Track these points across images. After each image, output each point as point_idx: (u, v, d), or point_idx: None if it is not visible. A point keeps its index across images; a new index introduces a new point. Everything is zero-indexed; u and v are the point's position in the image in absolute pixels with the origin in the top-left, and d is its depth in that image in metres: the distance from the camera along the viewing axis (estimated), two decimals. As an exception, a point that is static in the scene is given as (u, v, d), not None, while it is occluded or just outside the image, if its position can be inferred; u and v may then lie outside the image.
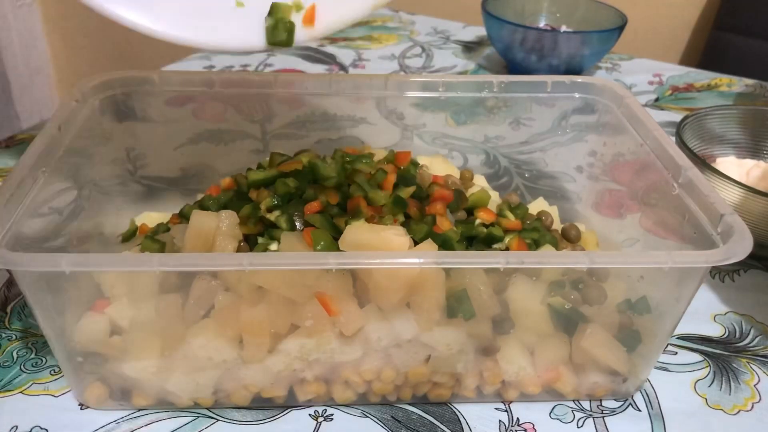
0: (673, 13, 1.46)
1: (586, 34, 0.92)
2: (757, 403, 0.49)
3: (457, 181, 0.57)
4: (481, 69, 1.01)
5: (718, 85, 0.99)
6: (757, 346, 0.54)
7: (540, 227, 0.54)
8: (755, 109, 0.71)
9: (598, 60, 0.96)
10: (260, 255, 0.43)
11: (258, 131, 0.63)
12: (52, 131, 0.47)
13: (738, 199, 0.57)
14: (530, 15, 1.03)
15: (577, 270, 0.44)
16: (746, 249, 0.40)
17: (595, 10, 1.00)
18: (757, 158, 0.69)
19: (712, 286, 0.60)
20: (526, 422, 0.47)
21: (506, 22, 0.92)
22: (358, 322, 0.43)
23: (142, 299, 0.43)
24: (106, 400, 0.45)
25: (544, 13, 1.04)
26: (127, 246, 0.55)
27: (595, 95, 0.59)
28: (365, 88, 0.58)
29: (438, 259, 0.40)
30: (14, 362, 0.49)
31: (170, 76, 0.57)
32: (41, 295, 0.41)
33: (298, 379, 0.45)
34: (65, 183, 0.50)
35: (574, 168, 0.64)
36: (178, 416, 0.46)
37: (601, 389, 0.48)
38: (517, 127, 0.63)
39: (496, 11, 0.95)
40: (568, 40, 0.91)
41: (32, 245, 0.43)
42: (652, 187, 0.52)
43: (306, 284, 0.41)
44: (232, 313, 0.42)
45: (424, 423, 0.46)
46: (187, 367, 0.44)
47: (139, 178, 0.61)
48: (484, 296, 0.42)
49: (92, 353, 0.44)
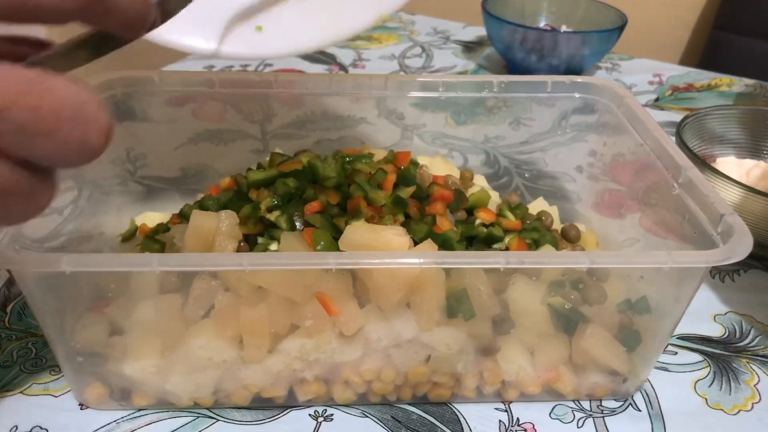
0: (673, 13, 1.46)
1: (586, 34, 0.92)
2: (757, 403, 0.49)
3: (457, 181, 0.57)
4: (481, 69, 1.01)
5: (718, 85, 0.99)
6: (757, 346, 0.54)
7: (540, 227, 0.54)
8: (755, 109, 0.71)
9: (598, 60, 0.96)
10: (260, 255, 0.43)
11: (258, 131, 0.63)
12: (52, 131, 0.47)
13: (738, 199, 0.57)
14: (530, 15, 1.03)
15: (577, 270, 0.44)
16: (746, 249, 0.40)
17: (595, 10, 1.00)
18: (757, 158, 0.69)
19: (712, 286, 0.60)
20: (526, 422, 0.47)
21: (506, 22, 0.92)
22: (358, 322, 0.43)
23: (142, 299, 0.43)
24: (106, 400, 0.45)
25: (544, 13, 1.04)
26: (127, 246, 0.54)
27: (595, 95, 0.59)
28: (365, 88, 0.58)
29: (438, 259, 0.40)
30: (14, 362, 0.49)
31: (170, 76, 0.57)
32: (41, 295, 0.41)
33: (298, 379, 0.45)
34: (65, 183, 0.50)
35: (574, 168, 0.64)
36: (178, 416, 0.46)
37: (601, 389, 0.48)
38: (517, 127, 0.63)
39: (496, 11, 0.95)
40: (568, 40, 0.91)
41: (32, 245, 0.43)
42: (652, 187, 0.52)
43: (306, 284, 0.41)
44: (232, 313, 0.42)
45: (424, 423, 0.46)
46: (187, 367, 0.44)
47: (139, 178, 0.61)
48: (484, 296, 0.42)
49: (92, 353, 0.44)
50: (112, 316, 0.43)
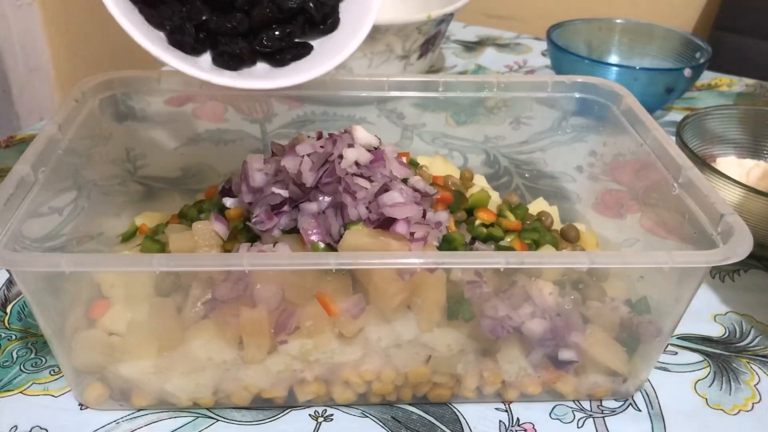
0: (673, 13, 1.46)
1: (665, 72, 0.81)
2: (757, 403, 0.49)
3: (457, 181, 0.57)
4: (481, 69, 1.01)
5: (718, 85, 0.99)
6: (757, 346, 0.54)
7: (540, 227, 0.54)
8: (755, 109, 0.71)
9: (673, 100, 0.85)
10: (260, 255, 0.42)
11: (258, 131, 0.63)
12: (51, 131, 0.47)
13: (738, 199, 0.57)
14: (598, 45, 0.92)
15: (577, 270, 0.44)
16: (746, 249, 0.40)
17: (673, 39, 0.89)
18: (758, 158, 0.69)
19: (712, 286, 0.60)
20: (526, 422, 0.46)
21: (575, 56, 0.83)
22: (358, 323, 0.43)
23: (142, 299, 0.43)
24: (106, 400, 0.45)
25: (616, 44, 0.92)
26: (127, 246, 0.54)
27: (595, 95, 0.59)
28: (365, 88, 0.58)
29: (438, 260, 0.40)
30: (14, 362, 0.49)
31: (170, 76, 0.57)
32: (41, 295, 0.41)
33: (298, 379, 0.45)
34: (65, 183, 0.50)
35: (574, 168, 0.64)
36: (178, 416, 0.46)
37: (601, 389, 0.48)
38: (517, 127, 0.63)
39: (560, 40, 0.85)
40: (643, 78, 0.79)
41: (32, 245, 0.43)
42: (652, 187, 0.52)
43: (306, 285, 0.41)
44: (232, 313, 0.42)
45: (424, 423, 0.46)
46: (187, 368, 0.44)
47: (139, 178, 0.61)
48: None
49: (92, 354, 0.44)
50: (111, 317, 0.44)
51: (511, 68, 1.01)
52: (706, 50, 0.83)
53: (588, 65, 0.81)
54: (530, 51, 1.07)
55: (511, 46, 1.09)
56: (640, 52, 0.91)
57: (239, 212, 0.50)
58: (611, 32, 0.92)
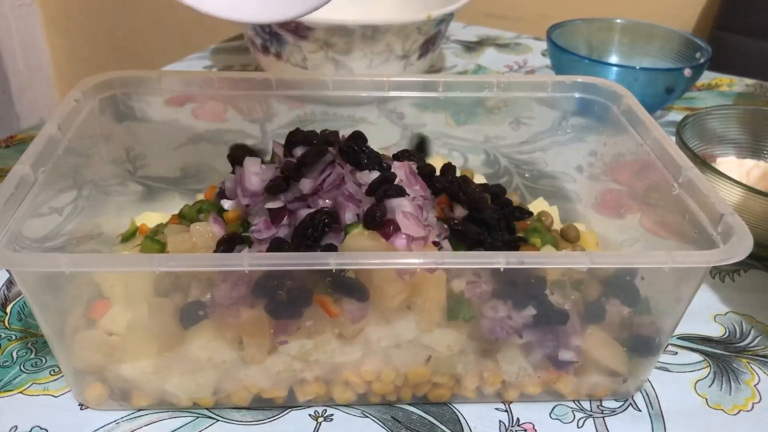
0: (673, 13, 1.46)
1: (665, 72, 0.81)
2: (757, 403, 0.49)
3: (457, 181, 0.57)
4: (481, 69, 1.01)
5: (718, 85, 0.99)
6: (757, 346, 0.54)
7: (540, 227, 0.54)
8: (755, 109, 0.71)
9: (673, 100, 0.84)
10: (260, 255, 0.42)
11: (258, 131, 0.63)
12: (51, 131, 0.47)
13: (738, 199, 0.57)
14: (598, 45, 0.91)
15: (577, 270, 0.44)
16: (746, 249, 0.40)
17: (673, 39, 0.89)
18: (758, 158, 0.69)
19: (712, 286, 0.60)
20: (526, 422, 0.46)
21: (575, 56, 0.82)
22: (358, 324, 0.43)
23: (142, 299, 0.43)
24: (105, 401, 0.45)
25: (615, 44, 0.91)
26: (127, 246, 0.54)
27: (595, 95, 0.59)
28: (365, 88, 0.58)
29: (438, 260, 0.40)
30: (14, 362, 0.49)
31: (170, 76, 0.57)
32: (41, 295, 0.41)
33: (298, 379, 0.45)
34: (65, 183, 0.50)
35: (574, 168, 0.64)
36: (178, 416, 0.46)
37: (601, 389, 0.48)
38: (517, 127, 0.63)
39: (560, 39, 0.84)
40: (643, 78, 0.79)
41: (32, 245, 0.43)
42: (652, 187, 0.52)
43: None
44: (231, 313, 0.42)
45: (424, 423, 0.46)
46: (187, 368, 0.44)
47: (139, 178, 0.61)
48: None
49: (92, 354, 0.44)
50: (111, 317, 0.43)
51: (511, 68, 1.01)
52: (706, 50, 0.83)
53: (588, 65, 0.81)
54: (530, 51, 1.07)
55: (511, 46, 1.09)
56: (640, 52, 0.91)
57: (236, 215, 0.50)
58: (611, 32, 0.92)
